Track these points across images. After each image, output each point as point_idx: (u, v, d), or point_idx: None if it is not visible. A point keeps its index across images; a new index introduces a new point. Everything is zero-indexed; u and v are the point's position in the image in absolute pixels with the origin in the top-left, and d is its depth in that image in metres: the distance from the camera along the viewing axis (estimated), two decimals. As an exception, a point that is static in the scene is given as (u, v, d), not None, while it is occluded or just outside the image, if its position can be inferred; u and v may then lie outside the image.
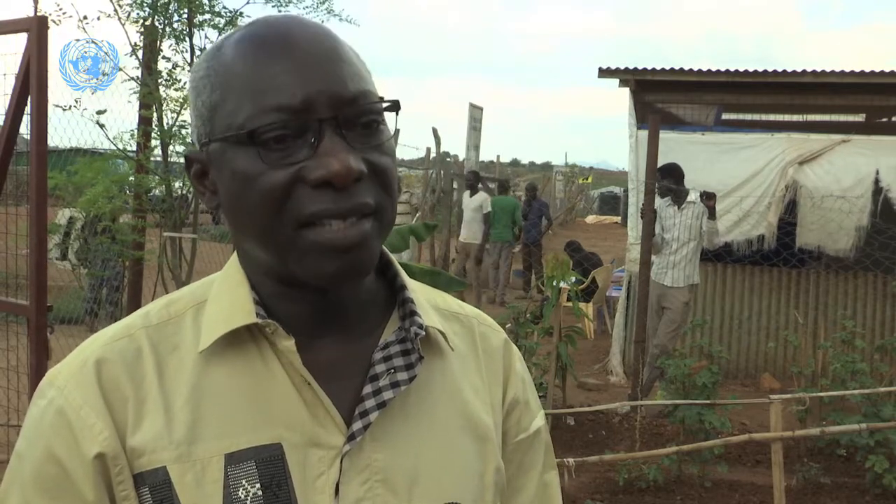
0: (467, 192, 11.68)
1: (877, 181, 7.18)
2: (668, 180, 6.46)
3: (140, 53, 4.88)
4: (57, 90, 4.62)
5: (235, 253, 0.88)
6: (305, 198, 0.76)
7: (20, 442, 0.81)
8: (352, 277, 0.80)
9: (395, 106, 0.82)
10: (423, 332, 0.85)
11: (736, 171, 7.43)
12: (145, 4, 4.81)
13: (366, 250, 0.78)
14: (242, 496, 0.77)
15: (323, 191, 0.76)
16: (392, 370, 0.84)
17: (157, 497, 0.77)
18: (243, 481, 0.78)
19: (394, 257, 0.93)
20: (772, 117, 9.98)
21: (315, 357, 0.82)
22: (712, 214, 6.35)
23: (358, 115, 0.78)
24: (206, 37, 4.95)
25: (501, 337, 0.99)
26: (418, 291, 0.92)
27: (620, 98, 8.13)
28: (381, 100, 0.81)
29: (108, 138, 4.84)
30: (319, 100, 0.76)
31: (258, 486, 0.78)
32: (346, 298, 0.85)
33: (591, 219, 28.25)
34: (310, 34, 0.80)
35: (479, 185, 11.83)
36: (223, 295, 0.85)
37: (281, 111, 0.76)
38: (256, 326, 0.81)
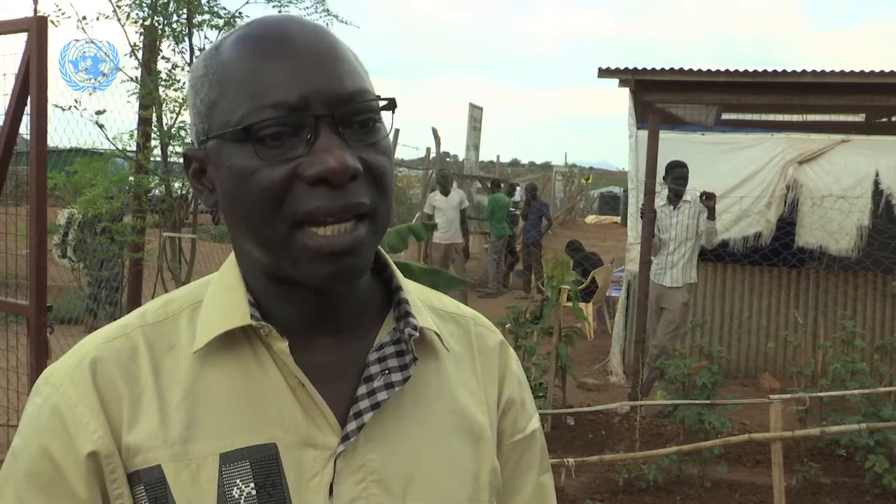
0: (435, 193, 11.33)
1: (877, 181, 7.17)
2: (679, 170, 6.41)
3: (139, 54, 4.88)
4: (57, 90, 4.62)
5: (233, 253, 0.88)
6: (302, 195, 0.76)
7: (16, 439, 0.81)
8: (344, 281, 0.80)
9: (391, 104, 0.82)
10: (417, 334, 0.85)
11: (736, 171, 7.41)
12: (145, 5, 4.81)
13: (358, 255, 0.79)
14: (236, 495, 0.78)
15: (319, 188, 0.76)
16: (386, 371, 0.84)
17: (153, 495, 0.78)
18: (237, 481, 0.78)
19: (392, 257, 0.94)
20: (772, 117, 9.96)
21: (310, 358, 0.83)
22: (711, 215, 6.33)
23: (354, 113, 0.79)
24: (205, 37, 4.96)
25: (497, 338, 0.99)
26: (414, 292, 0.92)
27: (620, 98, 8.13)
28: (378, 98, 0.82)
29: (108, 138, 4.85)
30: (316, 97, 0.77)
31: (252, 485, 0.78)
32: (342, 300, 0.85)
33: (591, 219, 28.22)
34: (307, 33, 0.80)
35: (454, 184, 11.71)
36: (218, 296, 0.85)
37: (277, 108, 0.76)
38: (251, 328, 0.82)
